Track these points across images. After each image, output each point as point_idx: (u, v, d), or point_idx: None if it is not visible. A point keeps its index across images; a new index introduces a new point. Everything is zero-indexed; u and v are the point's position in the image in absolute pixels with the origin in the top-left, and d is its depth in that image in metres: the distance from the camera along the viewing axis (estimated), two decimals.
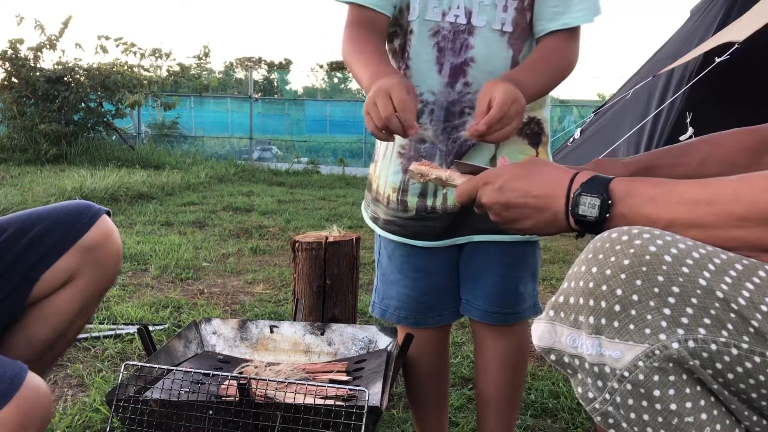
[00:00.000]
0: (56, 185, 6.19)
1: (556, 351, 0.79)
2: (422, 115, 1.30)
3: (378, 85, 1.10)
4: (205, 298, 3.13)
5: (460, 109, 1.29)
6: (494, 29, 1.26)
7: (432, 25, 1.27)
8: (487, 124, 1.10)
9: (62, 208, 1.37)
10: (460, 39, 1.27)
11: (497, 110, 1.09)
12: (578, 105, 14.25)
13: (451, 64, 1.28)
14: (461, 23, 1.26)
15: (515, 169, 0.97)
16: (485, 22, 1.26)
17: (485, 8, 1.26)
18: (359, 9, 1.28)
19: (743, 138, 1.11)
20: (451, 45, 1.27)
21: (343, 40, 1.29)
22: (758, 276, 0.73)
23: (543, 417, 1.97)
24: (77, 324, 1.41)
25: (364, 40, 1.26)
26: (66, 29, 10.00)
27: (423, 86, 1.29)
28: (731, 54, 4.30)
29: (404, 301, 1.42)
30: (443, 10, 1.26)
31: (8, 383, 0.99)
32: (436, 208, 1.33)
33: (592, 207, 0.86)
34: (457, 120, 1.30)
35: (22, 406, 0.99)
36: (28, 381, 1.01)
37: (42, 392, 1.04)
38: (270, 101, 20.45)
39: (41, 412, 1.03)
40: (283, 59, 54.86)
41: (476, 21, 1.26)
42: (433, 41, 1.28)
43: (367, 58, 1.22)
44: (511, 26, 1.27)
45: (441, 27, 1.27)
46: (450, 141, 1.31)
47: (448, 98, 1.29)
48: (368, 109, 1.10)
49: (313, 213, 5.88)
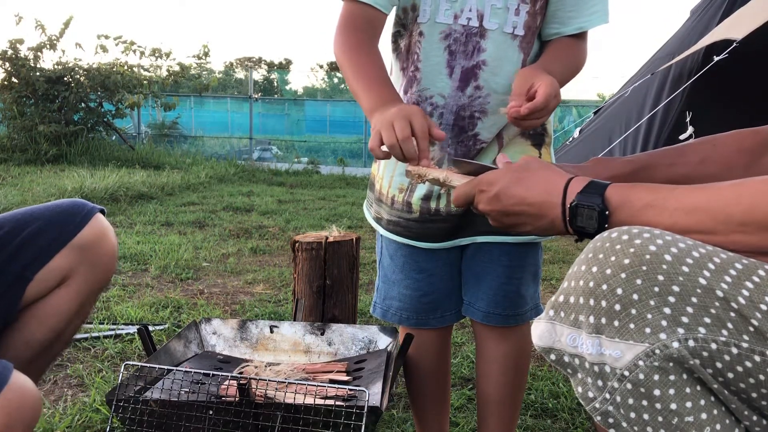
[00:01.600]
0: (56, 185, 6.19)
1: (556, 350, 0.79)
2: (431, 118, 1.29)
3: (400, 108, 1.09)
4: (205, 298, 3.13)
5: (470, 113, 1.29)
6: (506, 32, 1.26)
7: (443, 27, 1.26)
8: (530, 110, 1.12)
9: (56, 207, 1.36)
10: (472, 42, 1.26)
11: (543, 101, 1.11)
12: (578, 105, 14.24)
13: (462, 67, 1.27)
14: (474, 26, 1.25)
15: (509, 176, 0.97)
16: (497, 25, 1.25)
17: (497, 11, 1.25)
18: (358, 6, 1.25)
19: (744, 139, 1.11)
20: (463, 48, 1.26)
21: (337, 42, 1.25)
22: (758, 275, 0.73)
23: (543, 417, 1.97)
24: (74, 324, 1.41)
25: (363, 51, 1.22)
26: (66, 29, 10.00)
27: (433, 89, 1.29)
28: (729, 53, 4.30)
29: (406, 302, 1.42)
30: (455, 12, 1.25)
31: None
32: (440, 211, 1.33)
33: (590, 218, 0.87)
34: (466, 123, 1.29)
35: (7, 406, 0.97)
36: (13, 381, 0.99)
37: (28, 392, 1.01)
38: (270, 101, 20.47)
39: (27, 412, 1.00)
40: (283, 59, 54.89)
41: (488, 24, 1.25)
42: (444, 44, 1.27)
43: (370, 77, 1.19)
44: (522, 30, 1.26)
45: (453, 30, 1.26)
46: (459, 144, 1.30)
47: (459, 102, 1.28)
48: (381, 128, 1.08)
49: (313, 213, 5.88)
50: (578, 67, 1.30)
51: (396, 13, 1.31)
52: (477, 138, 1.30)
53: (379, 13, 1.25)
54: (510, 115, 1.14)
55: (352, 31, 1.25)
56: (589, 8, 1.26)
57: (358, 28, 1.25)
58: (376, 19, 1.26)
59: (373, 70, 1.21)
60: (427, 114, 1.27)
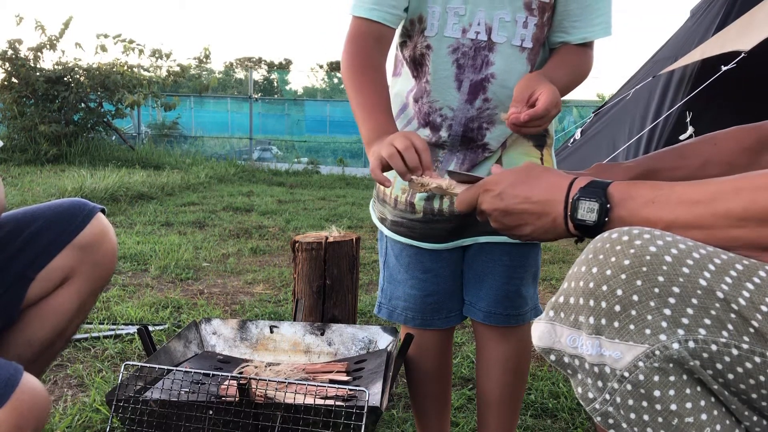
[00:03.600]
0: (56, 185, 6.19)
1: (556, 351, 0.79)
2: (441, 129, 1.31)
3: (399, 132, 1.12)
4: (205, 298, 3.13)
5: (478, 124, 1.30)
6: (514, 45, 1.26)
7: (451, 41, 1.26)
8: (530, 117, 1.12)
9: (57, 207, 1.36)
10: (481, 56, 1.26)
11: (543, 109, 1.12)
12: (578, 105, 14.24)
13: (471, 80, 1.27)
14: (482, 40, 1.25)
15: (514, 176, 0.98)
16: (505, 38, 1.25)
17: (505, 24, 1.25)
18: (367, 22, 1.24)
19: (743, 137, 1.11)
20: (471, 62, 1.26)
21: (344, 60, 1.25)
22: (758, 276, 0.73)
23: (543, 417, 1.97)
24: (75, 323, 1.41)
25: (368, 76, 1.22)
26: (66, 29, 10.00)
27: (442, 101, 1.30)
28: (737, 63, 4.29)
29: (411, 302, 1.42)
30: (463, 26, 1.25)
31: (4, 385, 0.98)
32: (443, 211, 1.33)
33: (590, 211, 0.87)
34: (475, 134, 1.31)
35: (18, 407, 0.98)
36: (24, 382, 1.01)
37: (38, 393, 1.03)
38: (270, 101, 20.45)
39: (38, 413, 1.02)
40: (283, 59, 54.90)
41: (496, 37, 1.25)
42: (452, 58, 1.27)
43: (371, 104, 1.20)
44: (530, 42, 1.27)
45: (461, 44, 1.26)
46: (468, 151, 1.31)
47: (467, 115, 1.29)
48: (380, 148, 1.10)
49: (313, 213, 5.88)
50: (583, 75, 1.31)
51: (403, 24, 1.31)
52: (486, 147, 1.32)
53: (387, 28, 1.25)
54: (510, 121, 1.15)
55: (359, 51, 1.25)
56: (594, 19, 1.27)
57: (366, 47, 1.24)
58: (383, 35, 1.26)
59: (374, 97, 1.21)
60: (437, 125, 1.31)
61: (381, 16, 1.24)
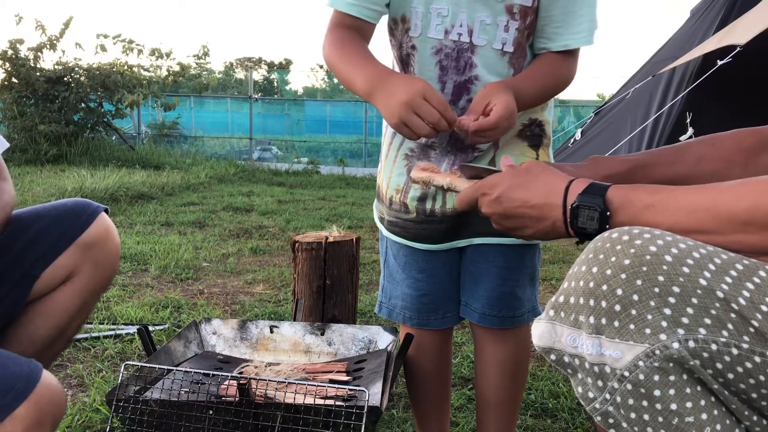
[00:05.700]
0: (56, 185, 6.19)
1: (556, 351, 0.79)
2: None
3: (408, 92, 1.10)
4: (205, 298, 3.13)
5: None
6: (495, 48, 1.26)
7: (434, 43, 1.26)
8: (479, 128, 1.13)
9: (61, 206, 1.37)
10: (464, 57, 1.26)
11: (493, 121, 1.13)
12: (578, 105, 14.25)
13: (455, 82, 1.27)
14: (464, 41, 1.25)
15: (511, 179, 0.98)
16: (486, 41, 1.25)
17: (486, 27, 1.24)
18: (346, 16, 1.25)
19: (743, 139, 1.11)
20: (454, 63, 1.26)
21: (326, 44, 1.26)
22: (759, 276, 0.73)
23: (543, 417, 1.97)
24: (77, 321, 1.42)
25: (352, 44, 1.23)
26: (66, 30, 10.00)
27: None
28: (733, 57, 4.29)
29: (408, 302, 1.42)
30: (446, 27, 1.25)
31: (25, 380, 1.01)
32: (435, 212, 1.33)
33: (591, 219, 0.87)
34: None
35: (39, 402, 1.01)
36: (43, 379, 1.04)
37: (56, 389, 1.06)
38: (270, 101, 20.47)
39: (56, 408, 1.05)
40: (283, 59, 54.84)
41: (477, 40, 1.25)
42: (435, 59, 1.27)
43: (360, 60, 1.20)
44: (512, 46, 1.26)
45: (444, 45, 1.25)
46: (458, 152, 1.31)
47: None
48: (405, 119, 1.10)
49: (313, 213, 5.88)
50: (561, 84, 1.30)
51: (387, 23, 1.31)
52: (475, 147, 1.31)
53: (366, 23, 1.26)
54: (459, 128, 1.15)
55: (340, 34, 1.25)
56: (575, 26, 1.25)
57: (347, 31, 1.25)
58: (363, 29, 1.26)
59: (362, 53, 1.22)
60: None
61: (360, 12, 1.24)
